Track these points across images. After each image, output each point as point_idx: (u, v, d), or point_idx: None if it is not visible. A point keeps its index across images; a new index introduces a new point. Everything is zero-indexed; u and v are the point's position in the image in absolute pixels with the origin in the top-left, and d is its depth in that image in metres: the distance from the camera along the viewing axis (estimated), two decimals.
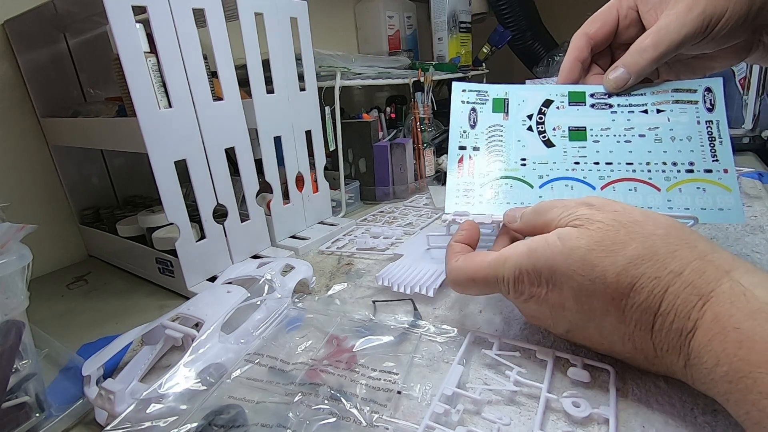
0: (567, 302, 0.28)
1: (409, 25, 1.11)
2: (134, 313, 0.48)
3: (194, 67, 0.46)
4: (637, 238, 0.26)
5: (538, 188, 0.38)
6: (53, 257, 0.62)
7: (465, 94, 0.43)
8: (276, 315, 0.40)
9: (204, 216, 0.50)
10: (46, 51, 0.58)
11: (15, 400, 0.29)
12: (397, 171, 0.78)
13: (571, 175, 0.38)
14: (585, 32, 0.40)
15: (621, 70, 0.37)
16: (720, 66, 0.40)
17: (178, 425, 0.27)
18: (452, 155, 0.41)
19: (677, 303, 0.24)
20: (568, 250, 0.27)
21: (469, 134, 0.41)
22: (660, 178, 0.36)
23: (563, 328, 0.30)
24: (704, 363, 0.23)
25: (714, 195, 0.35)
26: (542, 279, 0.28)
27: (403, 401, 0.30)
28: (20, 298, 0.29)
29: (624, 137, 0.38)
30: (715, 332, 0.23)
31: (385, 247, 0.56)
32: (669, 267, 0.25)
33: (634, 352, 0.28)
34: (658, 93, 0.39)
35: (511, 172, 0.39)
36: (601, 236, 0.26)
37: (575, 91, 0.40)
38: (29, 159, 0.59)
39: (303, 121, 0.61)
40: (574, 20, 0.45)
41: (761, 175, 0.69)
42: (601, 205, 0.28)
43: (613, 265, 0.25)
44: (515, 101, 0.42)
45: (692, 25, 0.33)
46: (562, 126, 0.40)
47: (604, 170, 0.37)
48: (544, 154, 0.39)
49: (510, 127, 0.41)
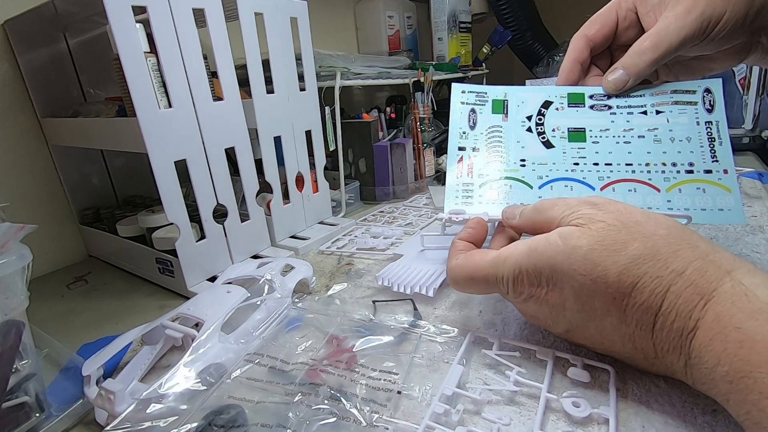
0: (567, 302, 0.28)
1: (409, 25, 1.11)
2: (134, 313, 0.48)
3: (194, 67, 0.46)
4: (639, 237, 0.26)
5: (537, 189, 0.38)
6: (53, 257, 0.62)
7: (464, 95, 0.43)
8: (276, 315, 0.40)
9: (204, 216, 0.50)
10: (46, 51, 0.58)
11: (15, 400, 0.29)
12: (397, 171, 0.78)
13: (571, 175, 0.38)
14: (584, 34, 0.40)
15: (620, 71, 0.38)
16: (719, 67, 0.40)
17: (178, 425, 0.27)
18: (452, 156, 0.41)
19: (679, 302, 0.24)
20: (569, 249, 0.27)
21: (468, 135, 0.41)
22: (659, 179, 0.36)
23: (563, 328, 0.30)
24: (705, 363, 0.23)
25: (714, 196, 0.35)
26: (542, 279, 0.28)
27: (403, 401, 0.30)
28: (20, 298, 0.29)
29: (623, 138, 0.38)
30: (716, 332, 0.23)
31: (385, 247, 0.56)
32: (671, 266, 0.25)
33: (634, 352, 0.28)
34: (657, 94, 0.39)
35: (511, 172, 0.39)
36: (603, 235, 0.26)
37: (574, 93, 0.41)
38: (29, 159, 0.59)
39: (303, 121, 0.62)
40: (574, 20, 0.45)
41: (761, 175, 0.69)
42: (603, 205, 0.28)
43: (615, 264, 0.25)
44: (514, 102, 0.42)
45: (691, 27, 0.33)
46: (562, 127, 0.40)
47: (604, 171, 0.37)
48: (544, 155, 0.39)
49: (509, 128, 0.41)
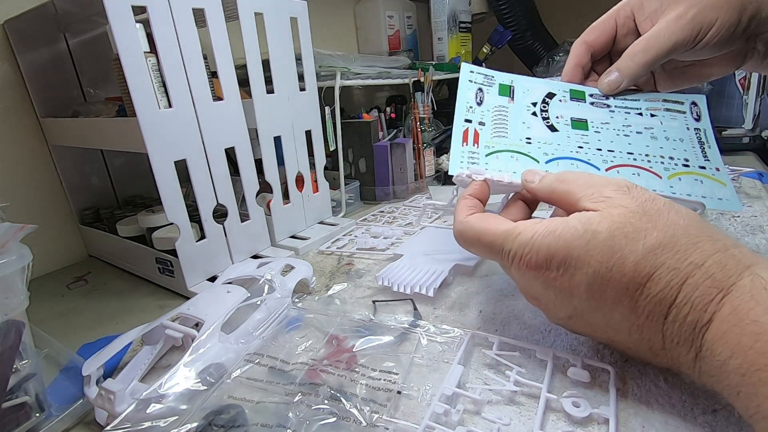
0: (577, 289, 0.27)
1: (409, 25, 1.11)
2: (134, 313, 0.48)
3: (194, 67, 0.46)
4: (659, 226, 0.25)
5: (543, 164, 0.37)
6: (53, 257, 0.62)
7: (472, 74, 0.42)
8: (276, 315, 0.40)
9: (204, 216, 0.50)
10: (46, 51, 0.58)
11: (15, 400, 0.29)
12: (397, 171, 0.78)
13: (576, 156, 0.37)
14: (584, 40, 0.42)
15: (615, 73, 0.39)
16: (717, 73, 0.41)
17: (178, 425, 0.27)
18: (457, 126, 0.39)
19: (695, 295, 0.24)
20: (589, 234, 0.26)
21: (475, 110, 0.40)
22: (660, 168, 0.36)
23: (565, 314, 0.29)
24: (717, 355, 0.23)
25: (711, 186, 0.36)
26: (553, 262, 0.27)
27: (403, 401, 0.30)
28: (20, 298, 0.29)
29: (623, 132, 0.39)
30: (732, 324, 0.22)
31: (385, 247, 0.56)
32: (690, 258, 0.24)
33: (639, 343, 0.27)
34: (650, 100, 0.41)
35: (517, 147, 0.38)
36: (624, 222, 0.26)
37: (576, 90, 0.42)
38: (29, 159, 0.59)
39: (303, 121, 0.61)
40: (573, 20, 0.45)
41: (761, 175, 0.69)
42: (630, 189, 0.28)
43: (633, 252, 0.25)
44: (520, 89, 0.42)
45: (682, 33, 0.35)
46: (565, 116, 0.40)
47: (607, 156, 0.37)
48: (548, 136, 0.39)
49: (515, 110, 0.41)
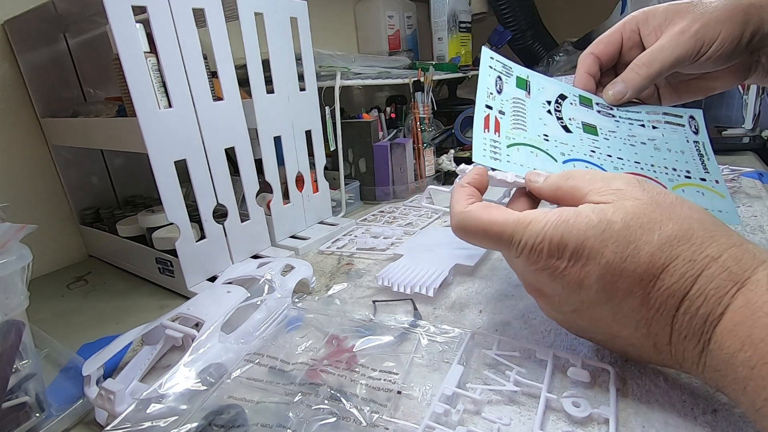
0: (587, 280, 0.26)
1: (409, 25, 1.11)
2: (134, 313, 0.48)
3: (194, 67, 0.46)
4: (674, 218, 0.25)
5: (561, 163, 0.37)
6: (53, 257, 0.62)
7: (492, 61, 0.41)
8: (276, 315, 0.40)
9: (204, 216, 0.50)
10: (46, 51, 0.58)
11: (15, 400, 0.29)
12: (397, 171, 0.78)
13: (590, 159, 0.37)
14: (591, 52, 0.43)
15: (620, 84, 0.40)
16: (721, 87, 0.41)
17: (178, 425, 0.27)
18: (479, 112, 0.38)
19: (709, 288, 0.24)
20: (604, 224, 0.26)
21: (495, 97, 0.39)
22: (665, 179, 0.37)
23: (569, 308, 0.29)
24: (726, 348, 0.23)
25: (711, 199, 0.36)
26: (566, 252, 0.27)
27: (403, 401, 0.30)
28: (20, 298, 0.29)
29: (629, 141, 0.39)
30: (744, 317, 0.22)
31: (385, 247, 0.56)
32: (706, 251, 0.24)
33: (644, 338, 0.27)
34: (652, 113, 0.42)
35: (536, 142, 0.38)
36: (638, 212, 0.26)
37: (584, 96, 0.42)
38: (29, 159, 0.59)
39: (303, 121, 0.61)
40: (573, 21, 0.45)
41: (761, 175, 0.69)
42: (640, 183, 0.27)
43: (648, 243, 0.25)
44: (535, 86, 0.42)
45: (685, 47, 0.36)
46: (577, 119, 0.40)
47: (617, 163, 0.37)
48: (564, 137, 0.39)
49: (532, 105, 0.40)
